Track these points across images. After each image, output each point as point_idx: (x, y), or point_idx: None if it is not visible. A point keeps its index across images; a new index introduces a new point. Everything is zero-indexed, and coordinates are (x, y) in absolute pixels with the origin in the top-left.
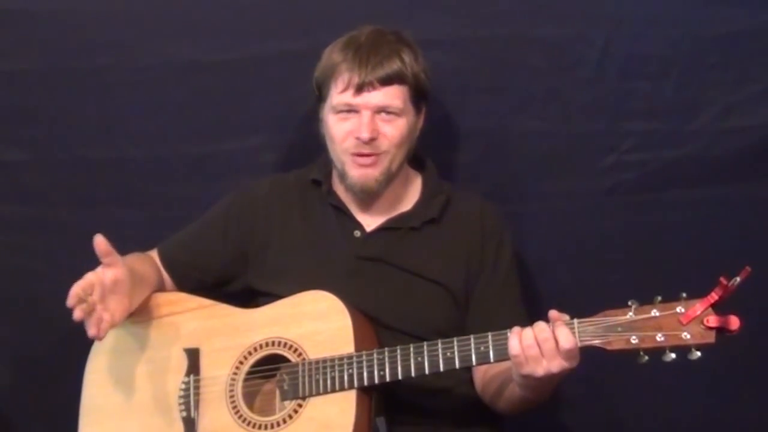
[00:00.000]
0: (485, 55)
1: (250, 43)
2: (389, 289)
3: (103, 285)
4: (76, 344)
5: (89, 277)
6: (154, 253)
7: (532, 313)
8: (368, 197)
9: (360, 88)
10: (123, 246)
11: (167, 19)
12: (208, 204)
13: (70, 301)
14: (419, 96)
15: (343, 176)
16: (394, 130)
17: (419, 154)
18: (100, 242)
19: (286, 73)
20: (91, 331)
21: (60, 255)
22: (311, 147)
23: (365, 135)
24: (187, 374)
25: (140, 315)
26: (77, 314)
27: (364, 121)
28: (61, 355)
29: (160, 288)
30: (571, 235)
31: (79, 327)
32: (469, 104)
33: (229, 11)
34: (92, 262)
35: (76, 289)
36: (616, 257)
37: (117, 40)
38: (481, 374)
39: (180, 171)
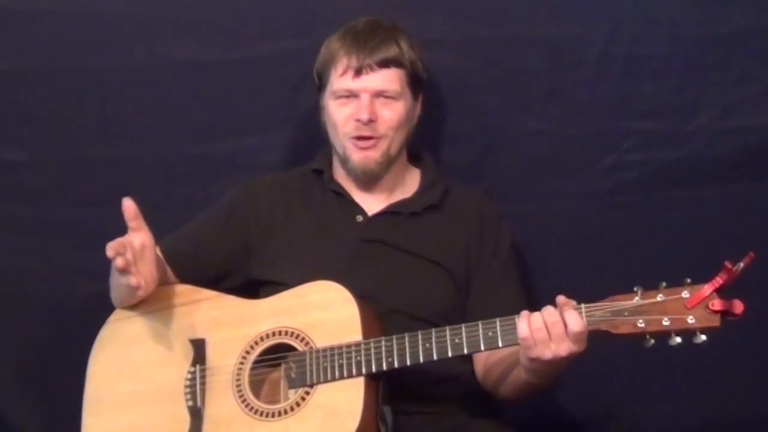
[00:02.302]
0: (485, 55)
1: (250, 43)
2: (392, 271)
3: (133, 248)
4: (76, 344)
5: (119, 239)
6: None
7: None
8: (370, 180)
9: (359, 71)
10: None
11: (167, 19)
12: (208, 204)
13: (110, 252)
14: (416, 82)
15: (344, 161)
16: (392, 114)
17: (417, 150)
18: (129, 205)
19: (286, 73)
20: (132, 280)
21: (60, 255)
22: (311, 147)
23: (364, 116)
24: (193, 364)
25: (145, 306)
26: (120, 262)
27: (363, 103)
28: (61, 355)
29: (165, 281)
30: (571, 235)
31: (79, 326)
32: (469, 104)
33: (229, 11)
34: (92, 261)
35: (113, 243)
36: (616, 257)
37: (117, 40)
38: (483, 360)
39: (180, 171)
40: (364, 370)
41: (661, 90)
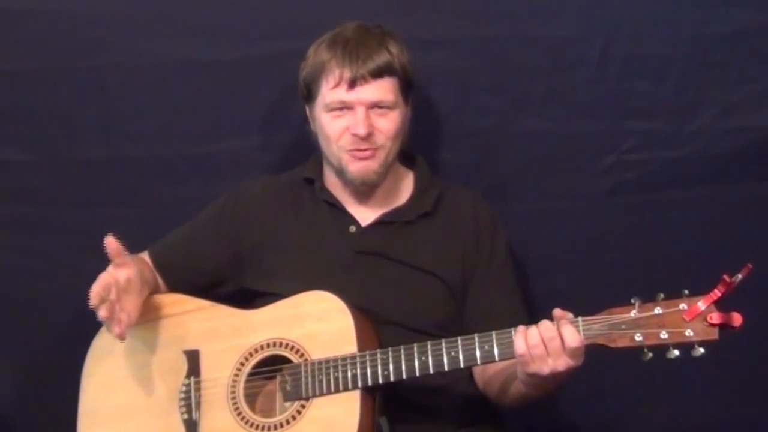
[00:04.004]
0: (485, 55)
1: (250, 43)
2: (387, 283)
3: (118, 285)
4: (77, 344)
5: (104, 277)
6: (145, 255)
7: (532, 313)
8: (368, 190)
9: (353, 83)
10: (122, 246)
11: (167, 19)
12: (208, 204)
13: (94, 301)
14: (407, 87)
15: (341, 173)
16: (388, 124)
17: (408, 151)
18: (111, 242)
19: (285, 73)
20: (116, 330)
21: (60, 255)
22: (310, 147)
23: (362, 131)
24: (188, 376)
25: (139, 316)
26: (103, 313)
27: (359, 117)
28: (61, 355)
29: (155, 290)
30: (570, 235)
31: (79, 327)
32: (469, 104)
33: (229, 11)
34: (92, 261)
35: (97, 289)
36: (616, 257)
37: (117, 40)
38: (480, 371)
39: (180, 171)
40: (359, 384)
41: (661, 90)
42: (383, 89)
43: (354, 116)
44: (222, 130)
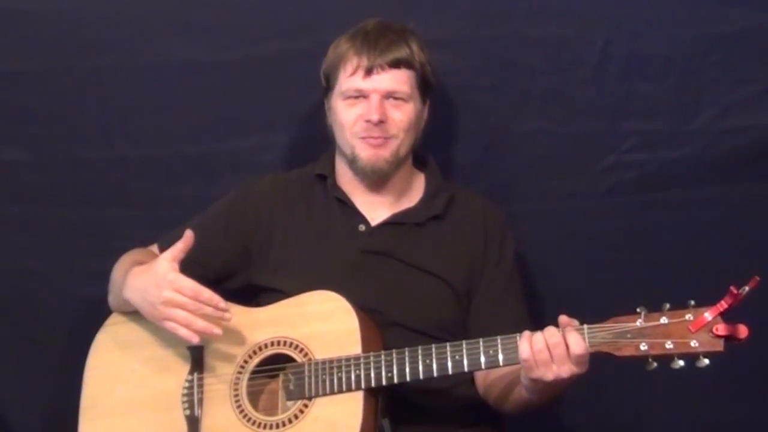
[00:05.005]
0: (485, 55)
1: (250, 43)
2: (393, 283)
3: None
4: (76, 344)
5: (211, 300)
6: (154, 248)
7: (533, 313)
8: (378, 180)
9: (369, 71)
10: (123, 246)
11: (167, 19)
12: (208, 204)
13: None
14: (425, 85)
15: (353, 161)
16: (402, 115)
17: (421, 153)
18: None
19: (286, 73)
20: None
21: (60, 255)
22: (312, 147)
23: (375, 117)
24: (191, 372)
25: None
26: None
27: (373, 104)
28: (61, 355)
29: None
30: (571, 235)
31: (79, 326)
32: (469, 104)
33: (229, 11)
34: (92, 261)
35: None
36: (616, 257)
37: (117, 40)
38: (482, 375)
39: (180, 171)
40: (363, 385)
41: (661, 90)
42: (399, 80)
43: (368, 103)
44: (222, 130)
